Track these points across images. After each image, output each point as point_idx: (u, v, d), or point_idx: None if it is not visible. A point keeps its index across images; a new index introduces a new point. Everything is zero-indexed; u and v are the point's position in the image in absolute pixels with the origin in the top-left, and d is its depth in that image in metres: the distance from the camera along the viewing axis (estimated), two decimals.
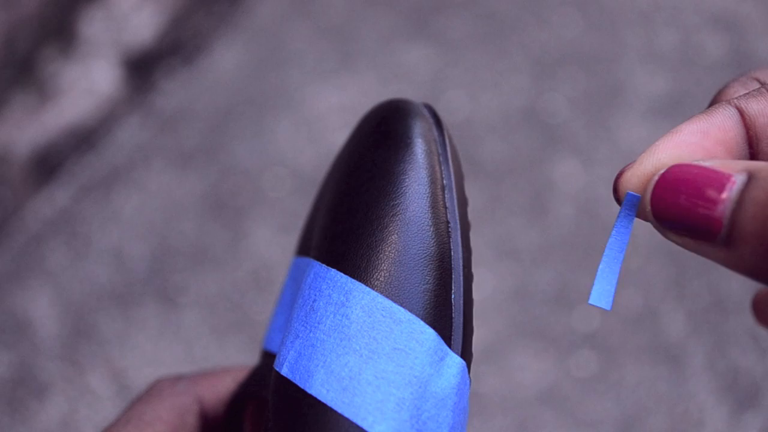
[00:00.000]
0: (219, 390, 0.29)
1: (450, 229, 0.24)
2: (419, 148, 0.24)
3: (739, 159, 0.22)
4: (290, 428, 0.22)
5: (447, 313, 0.23)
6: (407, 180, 0.24)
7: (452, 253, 0.24)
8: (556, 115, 1.18)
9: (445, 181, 0.24)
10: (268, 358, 0.27)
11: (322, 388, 0.22)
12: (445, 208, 0.24)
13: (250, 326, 1.00)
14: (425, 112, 0.26)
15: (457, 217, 0.24)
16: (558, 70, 1.23)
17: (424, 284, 0.23)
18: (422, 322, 0.22)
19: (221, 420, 0.29)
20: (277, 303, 0.29)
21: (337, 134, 1.18)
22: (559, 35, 1.28)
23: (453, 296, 0.23)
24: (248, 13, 1.33)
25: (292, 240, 1.07)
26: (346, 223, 0.24)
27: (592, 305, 0.23)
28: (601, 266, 0.22)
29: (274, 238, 1.08)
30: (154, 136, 1.19)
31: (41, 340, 1.00)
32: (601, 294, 0.22)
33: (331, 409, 0.21)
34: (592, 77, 1.22)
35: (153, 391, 0.29)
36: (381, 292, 0.23)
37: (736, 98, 0.22)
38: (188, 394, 0.28)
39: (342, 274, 0.23)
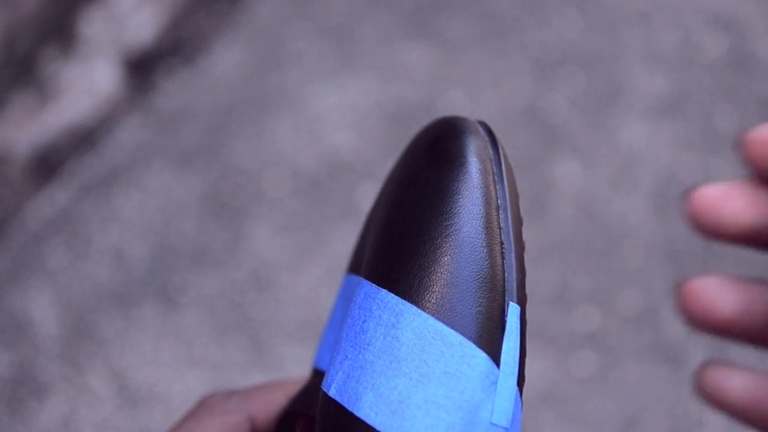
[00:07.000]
0: (271, 406, 0.28)
1: (504, 251, 0.23)
2: (474, 167, 0.24)
3: None
4: None
5: (500, 336, 0.22)
6: (461, 200, 0.23)
7: (506, 275, 0.23)
8: (556, 115, 1.18)
9: (500, 201, 0.24)
10: (318, 376, 0.27)
11: (370, 411, 0.21)
12: (500, 228, 0.24)
13: (250, 326, 1.00)
14: (480, 129, 0.25)
15: (512, 238, 0.24)
16: (558, 70, 1.23)
17: (477, 307, 0.22)
18: (474, 346, 0.22)
19: None
20: (328, 321, 0.29)
21: (337, 134, 1.18)
22: (559, 35, 1.28)
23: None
24: (248, 13, 1.33)
25: (292, 240, 1.07)
26: (397, 243, 0.24)
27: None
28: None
29: (274, 238, 1.08)
30: (154, 136, 1.19)
31: (41, 340, 1.00)
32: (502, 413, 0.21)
33: None
34: (592, 77, 1.22)
35: (204, 407, 0.28)
36: (432, 314, 0.22)
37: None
38: (240, 412, 0.27)
39: (393, 294, 0.23)
